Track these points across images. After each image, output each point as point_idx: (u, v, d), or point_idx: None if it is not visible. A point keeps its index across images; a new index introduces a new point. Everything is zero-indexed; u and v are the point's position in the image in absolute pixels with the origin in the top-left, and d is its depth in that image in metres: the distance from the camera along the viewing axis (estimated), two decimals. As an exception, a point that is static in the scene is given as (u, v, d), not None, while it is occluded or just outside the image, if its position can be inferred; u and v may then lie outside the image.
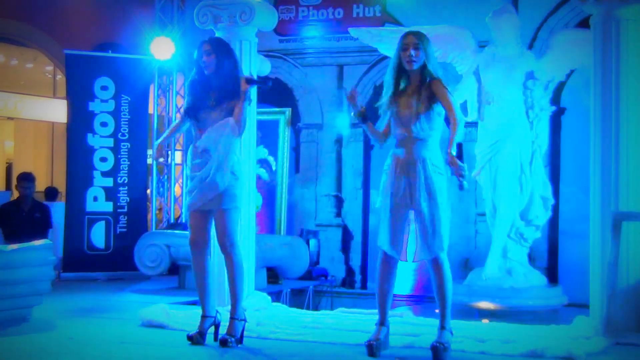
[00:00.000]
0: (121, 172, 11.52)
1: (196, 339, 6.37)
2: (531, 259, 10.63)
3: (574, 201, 11.43)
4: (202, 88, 6.46)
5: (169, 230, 11.68)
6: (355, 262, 13.08)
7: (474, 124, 10.96)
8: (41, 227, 10.91)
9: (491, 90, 10.11)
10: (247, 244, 8.27)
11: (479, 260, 11.06)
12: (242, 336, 6.42)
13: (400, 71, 6.05)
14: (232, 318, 6.39)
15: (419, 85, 5.95)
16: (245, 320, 6.44)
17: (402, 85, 6.07)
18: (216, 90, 6.39)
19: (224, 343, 6.26)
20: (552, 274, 11.59)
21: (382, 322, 6.21)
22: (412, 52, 5.94)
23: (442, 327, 6.08)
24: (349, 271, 13.10)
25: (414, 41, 5.96)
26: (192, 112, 6.45)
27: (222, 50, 6.45)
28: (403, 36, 6.06)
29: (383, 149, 6.42)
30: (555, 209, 10.82)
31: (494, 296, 9.87)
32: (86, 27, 14.89)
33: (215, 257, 6.77)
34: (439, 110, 5.93)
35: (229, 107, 6.34)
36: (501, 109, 10.06)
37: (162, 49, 12.22)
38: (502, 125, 10.05)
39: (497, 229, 10.14)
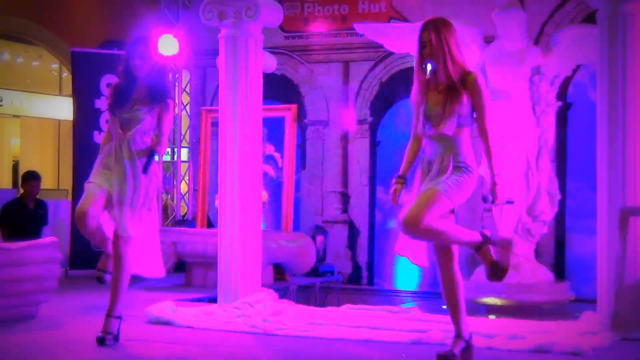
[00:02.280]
0: (127, 168, 11.53)
1: None
2: (538, 254, 10.62)
3: (581, 196, 11.42)
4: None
5: (175, 228, 11.68)
6: (362, 258, 13.08)
7: (480, 120, 10.94)
8: (43, 224, 10.95)
9: (497, 85, 10.10)
10: (253, 240, 8.28)
11: (485, 256, 11.03)
12: None
13: (423, 66, 5.74)
14: None
15: (448, 79, 5.60)
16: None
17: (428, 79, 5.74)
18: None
19: None
20: (559, 270, 11.59)
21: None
22: (427, 51, 5.63)
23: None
24: (356, 267, 13.11)
25: (428, 37, 5.62)
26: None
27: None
28: (419, 30, 5.72)
29: (389, 147, 6.35)
30: (562, 204, 10.81)
31: (500, 292, 9.87)
32: (92, 24, 14.90)
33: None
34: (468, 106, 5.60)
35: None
36: (508, 105, 10.06)
37: (168, 46, 12.21)
38: (509, 121, 10.04)
39: (503, 224, 10.13)
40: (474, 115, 5.59)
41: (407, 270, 12.19)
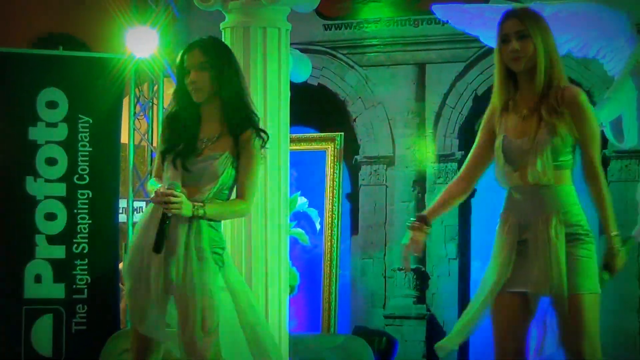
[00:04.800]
0: (78, 236, 11.49)
1: None
2: None
3: None
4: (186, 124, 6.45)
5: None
6: (450, 375, 12.99)
7: (633, 154, 10.89)
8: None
9: (660, 97, 10.06)
10: (275, 347, 8.21)
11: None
12: None
13: (507, 75, 6.03)
14: None
15: (540, 99, 5.90)
16: None
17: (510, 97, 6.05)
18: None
19: None
20: None
21: None
22: (516, 45, 5.89)
23: None
24: (440, 390, 13.00)
25: (517, 27, 5.90)
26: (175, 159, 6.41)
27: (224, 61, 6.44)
28: (501, 20, 5.99)
29: (490, 197, 6.41)
30: None
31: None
32: (25, 12, 15.00)
33: None
34: (569, 137, 5.88)
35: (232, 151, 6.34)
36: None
37: (142, 43, 12.23)
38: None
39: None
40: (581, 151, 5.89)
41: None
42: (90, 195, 11.57)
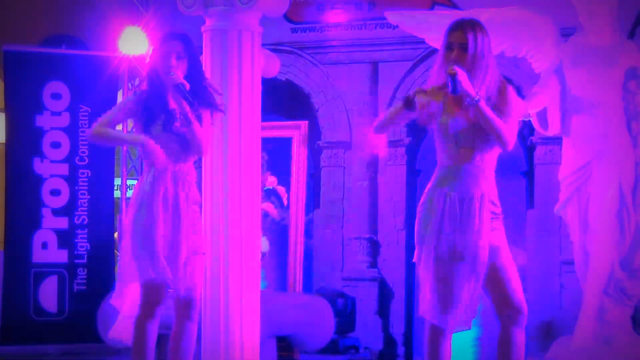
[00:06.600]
0: (79, 209, 11.52)
1: None
2: (636, 322, 10.53)
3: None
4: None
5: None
6: (397, 328, 13.02)
7: (556, 140, 10.91)
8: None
9: (580, 94, 10.05)
10: (249, 305, 8.23)
11: (565, 324, 10.98)
12: None
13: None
14: None
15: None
16: None
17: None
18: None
19: None
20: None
21: None
22: (458, 55, 5.91)
23: None
24: (389, 341, 13.04)
25: (460, 39, 5.91)
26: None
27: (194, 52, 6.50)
28: (448, 29, 5.99)
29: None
30: (669, 254, 10.72)
31: (588, 374, 9.81)
32: (32, 15, 14.93)
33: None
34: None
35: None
36: (594, 120, 9.99)
37: (134, 43, 12.21)
38: (595, 142, 9.97)
39: (589, 282, 10.06)
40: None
41: (457, 344, 12.06)
42: (90, 174, 11.64)
